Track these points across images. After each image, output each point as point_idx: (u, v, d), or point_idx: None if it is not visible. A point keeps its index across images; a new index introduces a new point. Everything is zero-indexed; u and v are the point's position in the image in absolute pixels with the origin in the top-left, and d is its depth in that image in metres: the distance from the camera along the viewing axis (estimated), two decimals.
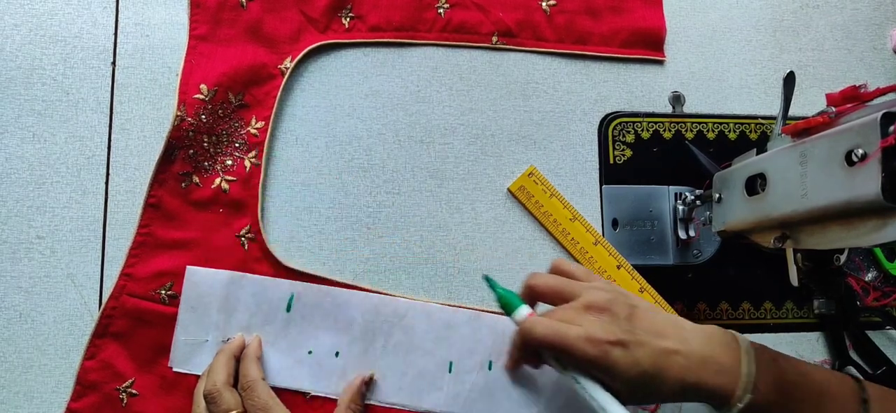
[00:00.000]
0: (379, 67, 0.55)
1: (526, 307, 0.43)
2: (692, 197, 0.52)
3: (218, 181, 0.50)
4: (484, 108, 0.55)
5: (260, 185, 0.50)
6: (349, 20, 0.55)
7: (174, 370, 0.48)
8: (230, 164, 0.51)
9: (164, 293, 0.48)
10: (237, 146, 0.51)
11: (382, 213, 0.52)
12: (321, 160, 0.53)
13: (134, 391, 0.47)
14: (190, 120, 0.50)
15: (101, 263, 0.49)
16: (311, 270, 0.50)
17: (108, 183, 0.50)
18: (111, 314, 0.48)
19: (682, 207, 0.53)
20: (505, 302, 0.43)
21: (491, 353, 0.49)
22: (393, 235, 0.52)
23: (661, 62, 0.57)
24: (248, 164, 0.51)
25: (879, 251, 0.55)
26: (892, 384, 0.49)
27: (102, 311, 0.48)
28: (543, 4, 0.57)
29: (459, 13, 0.56)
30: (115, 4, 0.53)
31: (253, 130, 0.51)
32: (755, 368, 0.39)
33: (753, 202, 0.44)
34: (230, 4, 0.53)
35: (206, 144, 0.50)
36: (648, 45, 0.57)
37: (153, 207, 0.49)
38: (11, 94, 0.51)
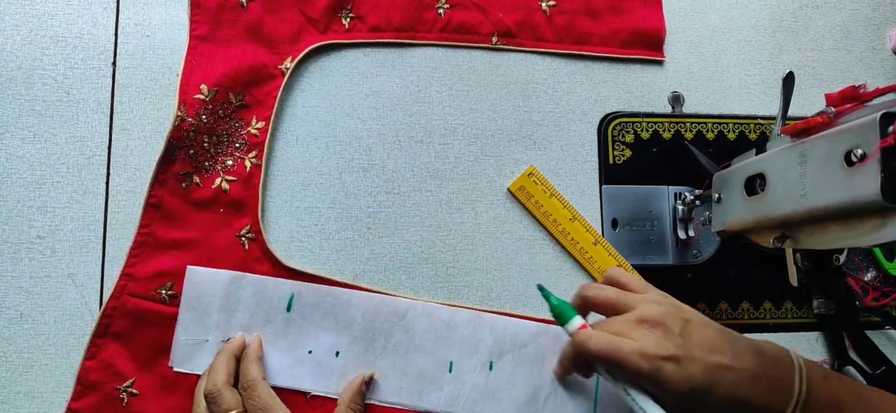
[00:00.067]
0: (379, 68, 0.55)
1: (579, 318, 0.43)
2: (691, 197, 0.52)
3: (218, 181, 0.50)
4: (484, 108, 0.55)
5: (260, 185, 0.50)
6: (349, 20, 0.55)
7: (175, 370, 0.48)
8: (230, 164, 0.51)
9: (164, 293, 0.48)
10: (237, 146, 0.51)
11: (382, 213, 0.52)
12: (321, 160, 0.53)
13: (134, 391, 0.47)
14: (190, 120, 0.50)
15: (101, 263, 0.49)
16: (311, 270, 0.50)
17: (108, 183, 0.51)
18: (112, 314, 0.48)
19: (681, 207, 0.53)
20: (559, 312, 0.43)
21: (491, 353, 0.49)
22: (393, 235, 0.52)
23: (660, 62, 0.58)
24: (248, 164, 0.51)
25: (878, 251, 0.55)
26: (891, 384, 0.49)
27: (103, 310, 0.48)
28: (543, 5, 0.57)
29: (459, 13, 0.56)
30: (115, 5, 0.53)
31: (253, 130, 0.51)
32: (807, 387, 0.39)
33: (753, 202, 0.44)
34: (230, 5, 0.53)
35: (206, 144, 0.51)
36: (648, 45, 0.57)
37: (154, 207, 0.49)
38: (12, 94, 0.51)
